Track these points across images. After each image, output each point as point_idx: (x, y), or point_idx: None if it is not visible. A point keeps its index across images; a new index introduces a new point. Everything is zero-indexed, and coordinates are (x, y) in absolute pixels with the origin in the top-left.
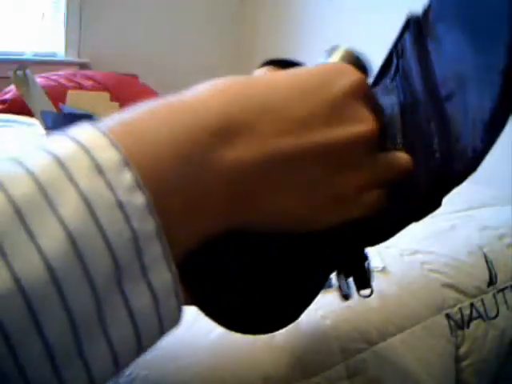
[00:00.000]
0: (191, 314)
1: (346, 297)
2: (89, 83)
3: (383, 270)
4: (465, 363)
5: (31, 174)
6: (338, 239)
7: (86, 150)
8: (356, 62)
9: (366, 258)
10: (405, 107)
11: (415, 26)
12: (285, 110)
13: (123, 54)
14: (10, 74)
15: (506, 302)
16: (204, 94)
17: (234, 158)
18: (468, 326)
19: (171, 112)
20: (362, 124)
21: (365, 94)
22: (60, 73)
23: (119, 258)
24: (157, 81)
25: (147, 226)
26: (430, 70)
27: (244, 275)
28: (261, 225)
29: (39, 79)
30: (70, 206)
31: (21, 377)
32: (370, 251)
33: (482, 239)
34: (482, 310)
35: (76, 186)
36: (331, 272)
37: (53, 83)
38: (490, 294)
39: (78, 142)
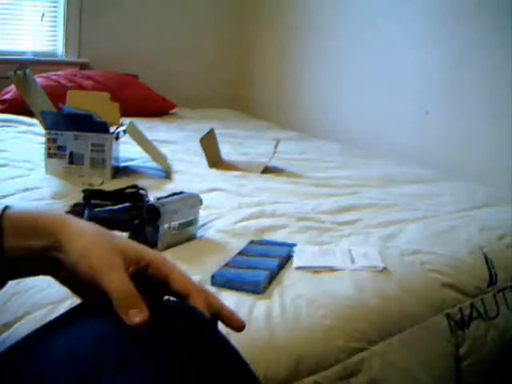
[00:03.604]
0: None
1: None
2: (89, 83)
3: (383, 270)
4: (465, 363)
5: None
6: None
7: None
8: None
9: None
10: None
11: None
12: None
13: (123, 53)
14: (10, 73)
15: (506, 301)
16: None
17: None
18: (468, 326)
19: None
20: None
21: None
22: (60, 73)
23: None
24: (157, 81)
25: None
26: None
27: None
28: None
29: (39, 79)
30: None
31: None
32: (371, 250)
33: (481, 239)
34: (482, 309)
35: None
36: None
37: (53, 83)
38: (490, 294)
39: None
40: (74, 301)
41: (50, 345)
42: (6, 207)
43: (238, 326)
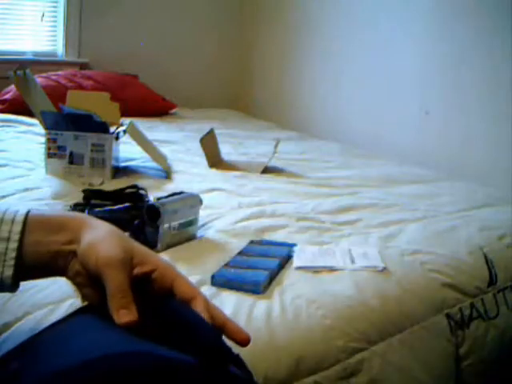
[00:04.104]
0: None
1: None
2: (89, 83)
3: (383, 270)
4: (465, 363)
5: None
6: None
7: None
8: None
9: None
10: None
11: None
12: None
13: (123, 54)
14: (10, 73)
15: (506, 301)
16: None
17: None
18: (468, 326)
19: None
20: None
21: None
22: (60, 73)
23: None
24: (157, 81)
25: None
26: None
27: None
28: None
29: (39, 79)
30: None
31: None
32: (371, 250)
33: (482, 239)
34: (482, 309)
35: None
36: None
37: (53, 83)
38: (490, 294)
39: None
40: (74, 301)
41: (50, 349)
42: (30, 210)
43: (243, 339)
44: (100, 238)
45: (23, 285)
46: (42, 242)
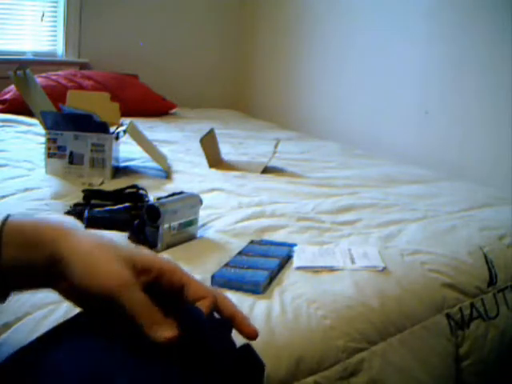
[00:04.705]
0: None
1: None
2: (89, 83)
3: (383, 269)
4: (465, 363)
5: None
6: None
7: None
8: None
9: None
10: None
11: None
12: None
13: (123, 54)
14: (10, 73)
15: (506, 301)
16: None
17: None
18: (468, 326)
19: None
20: None
21: None
22: (60, 73)
23: None
24: (157, 81)
25: None
26: None
27: None
28: None
29: (39, 79)
30: None
31: None
32: (371, 250)
33: (482, 239)
34: (482, 309)
35: None
36: None
37: (53, 83)
38: (490, 294)
39: None
40: None
41: (49, 358)
42: (8, 216)
43: (251, 332)
44: (94, 258)
45: None
46: (18, 259)
